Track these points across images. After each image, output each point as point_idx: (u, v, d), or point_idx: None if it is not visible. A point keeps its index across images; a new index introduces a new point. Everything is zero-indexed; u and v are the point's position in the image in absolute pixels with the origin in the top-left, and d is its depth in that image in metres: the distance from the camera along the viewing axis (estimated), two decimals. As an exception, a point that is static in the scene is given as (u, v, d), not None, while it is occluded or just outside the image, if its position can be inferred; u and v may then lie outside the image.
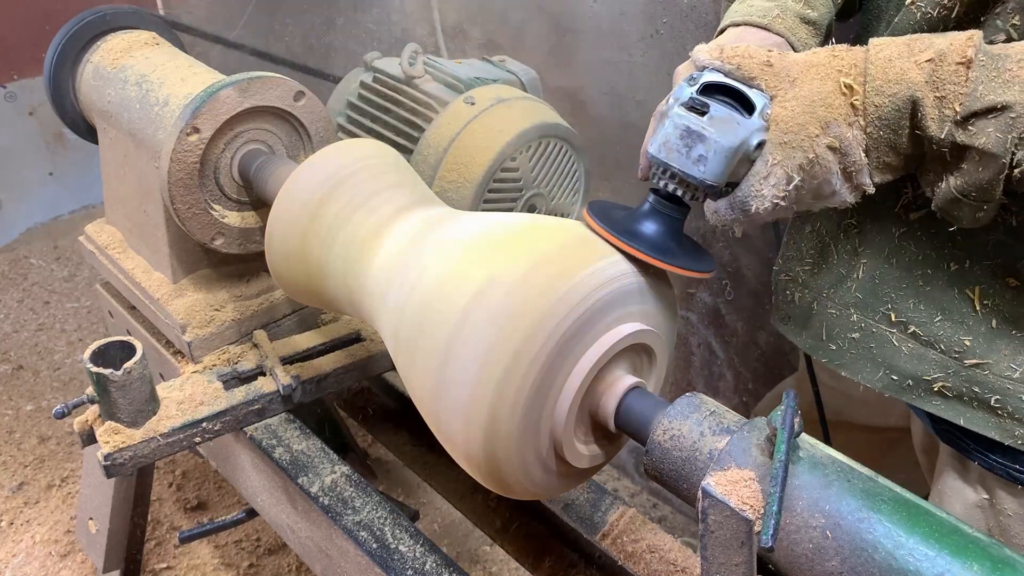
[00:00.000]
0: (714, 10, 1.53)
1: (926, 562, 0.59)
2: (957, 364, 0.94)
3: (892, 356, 0.99)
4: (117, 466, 1.08)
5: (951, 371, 0.94)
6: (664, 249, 0.82)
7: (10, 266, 2.83)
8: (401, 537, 1.05)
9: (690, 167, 0.78)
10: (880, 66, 0.76)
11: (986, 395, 0.92)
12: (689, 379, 1.93)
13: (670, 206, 0.83)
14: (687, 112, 0.78)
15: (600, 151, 1.84)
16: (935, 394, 0.96)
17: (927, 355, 0.96)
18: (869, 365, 1.01)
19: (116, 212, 1.39)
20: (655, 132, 0.81)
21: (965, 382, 0.94)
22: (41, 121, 2.95)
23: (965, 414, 0.95)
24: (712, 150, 0.77)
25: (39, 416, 2.21)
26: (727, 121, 0.77)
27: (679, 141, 0.78)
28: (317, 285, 1.01)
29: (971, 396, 0.94)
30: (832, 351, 1.05)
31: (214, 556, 1.86)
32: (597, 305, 0.77)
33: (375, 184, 0.98)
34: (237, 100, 1.13)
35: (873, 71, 0.76)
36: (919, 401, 0.98)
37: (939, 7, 0.85)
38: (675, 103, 0.80)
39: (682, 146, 0.78)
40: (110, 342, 1.08)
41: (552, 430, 0.79)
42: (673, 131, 0.78)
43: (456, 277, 0.80)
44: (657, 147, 0.80)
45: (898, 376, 0.99)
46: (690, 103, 0.78)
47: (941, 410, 0.96)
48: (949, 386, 0.95)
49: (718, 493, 0.64)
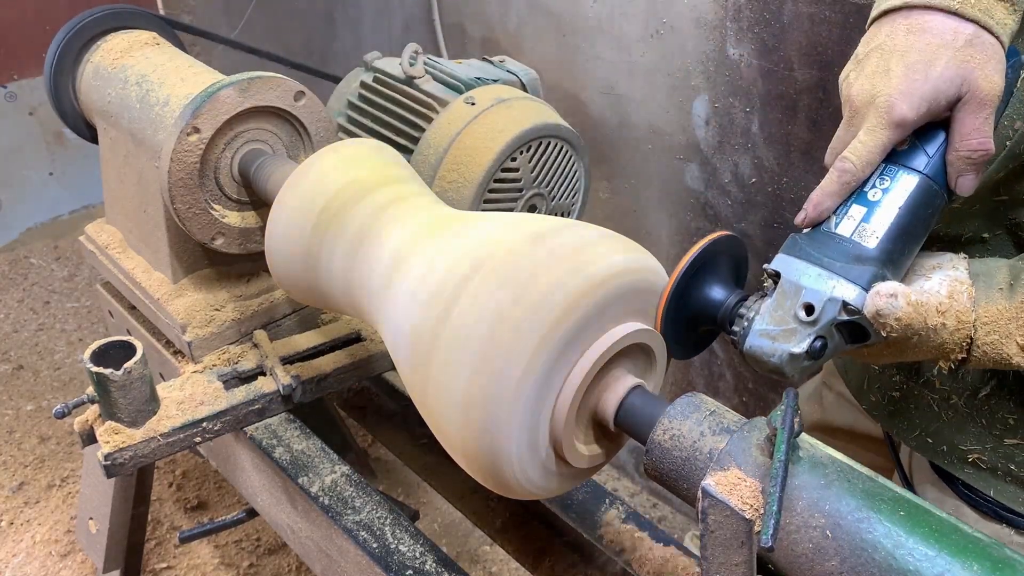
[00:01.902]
0: (714, 10, 1.53)
1: (926, 562, 0.59)
2: (997, 440, 0.92)
3: (931, 421, 0.98)
4: (117, 466, 1.08)
5: (989, 446, 0.93)
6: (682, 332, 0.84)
7: (10, 266, 2.83)
8: (401, 537, 1.05)
9: (756, 370, 0.79)
10: (986, 353, 0.76)
11: (1022, 473, 0.91)
12: (689, 379, 1.93)
13: (720, 329, 0.83)
14: (797, 359, 0.75)
15: (600, 151, 1.84)
16: (968, 464, 0.95)
17: (966, 427, 0.95)
18: (906, 423, 1.00)
19: (116, 212, 1.39)
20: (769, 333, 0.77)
21: (1002, 458, 0.92)
22: (41, 121, 2.95)
23: (996, 486, 0.93)
24: (783, 379, 0.78)
25: (39, 416, 2.21)
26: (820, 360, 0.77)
27: (767, 369, 0.77)
28: (317, 284, 1.01)
29: (1005, 471, 0.92)
30: (872, 401, 1.05)
31: (214, 556, 1.86)
32: (598, 304, 0.77)
33: (375, 184, 0.98)
34: (237, 100, 1.13)
35: (977, 354, 0.77)
36: (950, 467, 0.97)
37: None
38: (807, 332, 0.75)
39: (765, 371, 0.77)
40: (110, 342, 1.08)
41: (552, 430, 0.79)
42: (772, 364, 0.76)
43: (456, 277, 0.80)
44: (752, 352, 0.77)
45: (933, 440, 0.98)
46: (812, 347, 0.75)
47: (972, 478, 0.95)
48: (985, 459, 0.94)
49: (718, 493, 0.64)
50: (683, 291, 0.81)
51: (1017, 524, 0.93)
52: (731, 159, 1.63)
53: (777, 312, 0.77)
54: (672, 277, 0.80)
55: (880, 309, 0.72)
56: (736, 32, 1.52)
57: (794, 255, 0.78)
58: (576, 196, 1.40)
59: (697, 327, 0.85)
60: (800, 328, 0.75)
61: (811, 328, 0.74)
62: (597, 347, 0.78)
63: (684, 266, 0.80)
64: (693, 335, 0.86)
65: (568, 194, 1.38)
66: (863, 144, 0.76)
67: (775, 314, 0.77)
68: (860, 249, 0.76)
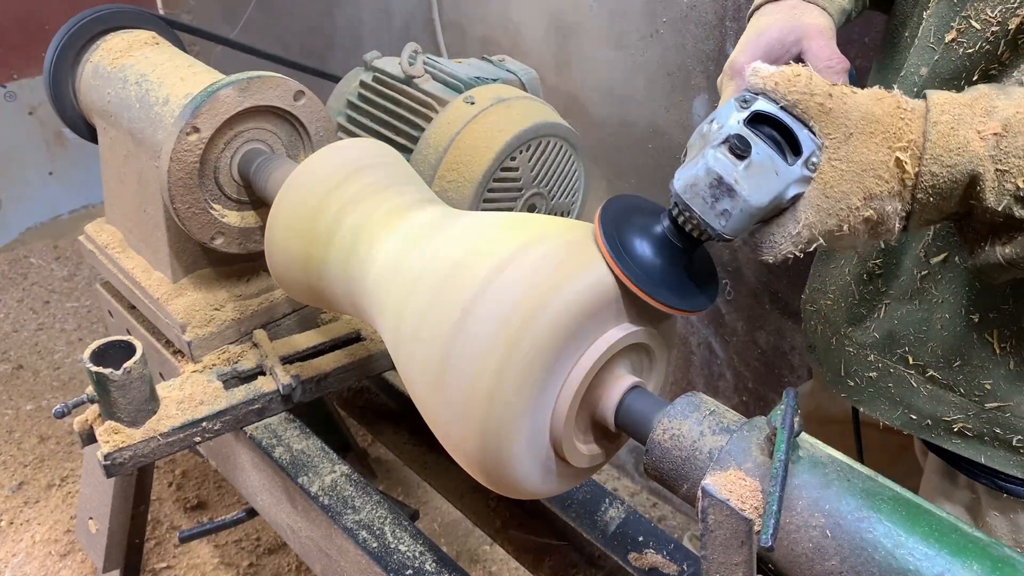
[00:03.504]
0: (714, 10, 1.53)
1: (926, 561, 0.59)
2: (978, 407, 0.93)
3: (910, 396, 0.98)
4: (117, 466, 1.08)
5: (971, 413, 0.94)
6: (658, 278, 0.78)
7: (10, 266, 2.83)
8: (401, 536, 1.05)
9: (712, 218, 0.73)
10: (941, 133, 0.71)
11: (1008, 435, 0.92)
12: (689, 379, 1.93)
13: (680, 238, 0.78)
14: (724, 156, 0.71)
15: (600, 151, 1.84)
16: (955, 434, 0.96)
17: (946, 397, 0.95)
18: (887, 403, 1.01)
19: (116, 212, 1.39)
20: (688, 161, 0.75)
21: (986, 423, 0.93)
22: (41, 121, 2.95)
23: (986, 452, 0.94)
24: (739, 208, 0.72)
25: (39, 416, 2.21)
26: (765, 171, 0.71)
27: (707, 190, 0.72)
28: (317, 284, 1.01)
29: (992, 436, 0.93)
30: (850, 387, 1.05)
31: (214, 556, 1.86)
32: (597, 305, 0.77)
33: (375, 183, 0.98)
34: (237, 99, 1.13)
35: (933, 138, 0.71)
36: (939, 439, 0.97)
37: (981, 41, 0.82)
38: (717, 136, 0.73)
39: (708, 195, 0.72)
40: (110, 342, 1.08)
41: (552, 430, 0.79)
42: (704, 176, 0.72)
43: (455, 276, 0.80)
44: (683, 186, 0.74)
45: (917, 415, 0.98)
46: (733, 140, 0.71)
47: (961, 448, 0.96)
48: (970, 427, 0.94)
49: (718, 493, 0.64)
50: (626, 250, 0.78)
51: (1018, 493, 0.94)
52: (731, 159, 1.62)
53: (691, 153, 0.76)
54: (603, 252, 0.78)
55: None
56: (736, 32, 1.52)
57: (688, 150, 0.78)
58: (576, 195, 1.40)
59: (673, 266, 0.80)
60: (710, 134, 0.74)
61: (718, 127, 0.73)
62: (597, 347, 0.78)
63: (602, 237, 0.78)
64: (683, 279, 0.81)
65: (568, 193, 1.38)
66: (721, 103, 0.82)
67: (690, 155, 0.76)
68: None
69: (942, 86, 0.86)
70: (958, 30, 0.84)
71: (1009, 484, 0.94)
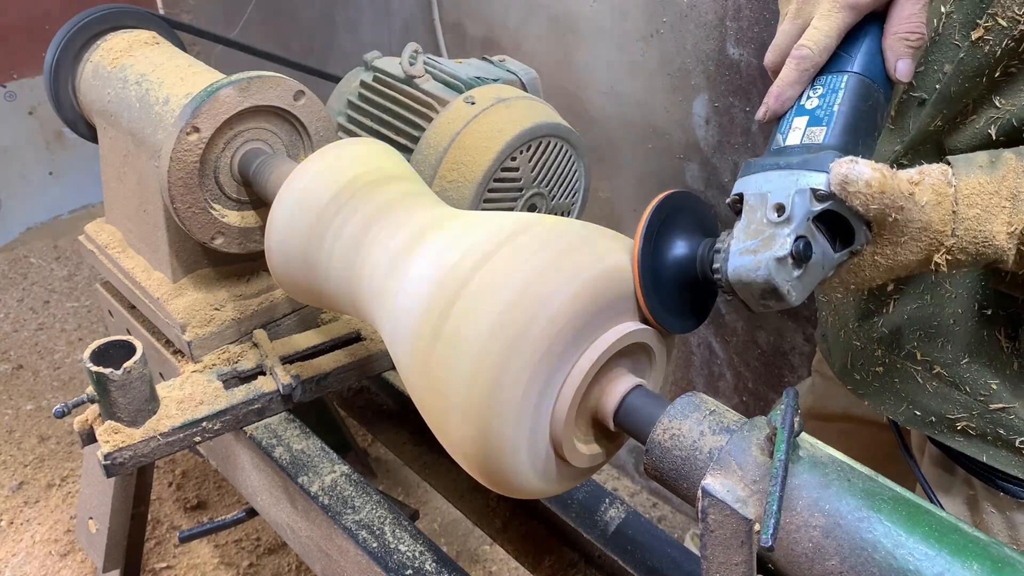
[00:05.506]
0: (714, 10, 1.53)
1: (926, 561, 0.59)
2: (982, 407, 0.93)
3: (916, 392, 0.99)
4: (117, 465, 1.08)
5: (975, 412, 0.94)
6: (672, 302, 0.80)
7: (10, 266, 2.83)
8: (401, 536, 1.05)
9: (753, 306, 0.74)
10: (969, 229, 0.72)
11: (1011, 437, 0.92)
12: (689, 379, 1.93)
13: (708, 283, 0.78)
14: (786, 267, 0.70)
15: (600, 151, 1.84)
16: (958, 432, 0.96)
17: (951, 395, 0.96)
18: (892, 398, 1.01)
19: (116, 212, 1.39)
20: (745, 242, 0.73)
21: (990, 423, 0.93)
22: (41, 121, 2.95)
23: (988, 451, 0.94)
24: (782, 303, 0.72)
25: (39, 415, 2.21)
26: (815, 268, 0.72)
27: (759, 293, 0.72)
28: (317, 284, 1.01)
29: (995, 436, 0.93)
30: (856, 380, 1.06)
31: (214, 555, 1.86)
32: (597, 304, 0.77)
33: (375, 183, 0.98)
34: (237, 99, 1.13)
35: (960, 232, 0.73)
36: (941, 436, 0.98)
37: (1007, 39, 0.81)
38: (783, 234, 0.70)
39: (759, 294, 0.72)
40: (110, 342, 1.08)
41: (552, 429, 0.79)
42: (761, 284, 0.71)
43: (455, 276, 0.80)
44: (737, 279, 0.72)
45: (921, 412, 0.99)
46: (798, 246, 0.70)
47: (963, 446, 0.96)
48: (973, 426, 0.95)
49: (718, 493, 0.64)
50: (653, 256, 0.78)
51: (1016, 493, 0.95)
52: (731, 159, 1.63)
53: (750, 227, 0.74)
54: (635, 245, 0.77)
55: (846, 175, 0.70)
56: (736, 32, 1.52)
57: (751, 173, 0.76)
58: (576, 196, 1.40)
59: (684, 291, 0.81)
60: (777, 231, 0.71)
61: (787, 227, 0.71)
62: (597, 347, 0.78)
63: (643, 231, 0.77)
64: (684, 302, 0.82)
65: (568, 193, 1.38)
66: (818, 30, 0.77)
67: (749, 230, 0.73)
68: (815, 146, 0.75)
69: (965, 83, 0.85)
70: (985, 28, 0.83)
71: (1007, 483, 0.95)
